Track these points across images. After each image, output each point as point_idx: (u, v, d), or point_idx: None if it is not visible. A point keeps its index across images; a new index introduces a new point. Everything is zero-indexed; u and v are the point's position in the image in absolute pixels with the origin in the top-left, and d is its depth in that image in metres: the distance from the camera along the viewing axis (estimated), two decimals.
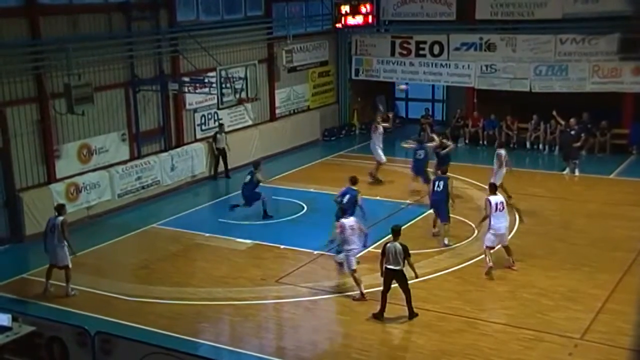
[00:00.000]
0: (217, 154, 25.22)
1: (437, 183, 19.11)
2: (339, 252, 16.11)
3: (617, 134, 27.59)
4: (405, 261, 14.59)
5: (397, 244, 14.59)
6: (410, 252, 17.45)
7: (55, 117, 20.38)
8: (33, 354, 12.63)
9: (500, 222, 16.56)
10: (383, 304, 14.76)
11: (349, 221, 15.72)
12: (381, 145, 24.58)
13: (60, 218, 16.23)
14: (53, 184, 20.46)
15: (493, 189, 17.07)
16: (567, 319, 14.65)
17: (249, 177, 21.00)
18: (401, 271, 14.61)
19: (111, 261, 18.68)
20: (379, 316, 14.80)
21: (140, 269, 18.05)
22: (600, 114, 27.37)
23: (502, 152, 21.54)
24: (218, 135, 25.08)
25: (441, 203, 18.87)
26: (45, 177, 20.47)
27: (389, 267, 14.59)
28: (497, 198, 16.69)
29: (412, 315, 14.78)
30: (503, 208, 16.58)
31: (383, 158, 24.43)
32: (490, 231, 16.62)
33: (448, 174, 19.80)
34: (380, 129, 24.66)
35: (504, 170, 21.22)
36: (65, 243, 16.15)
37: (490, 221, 16.54)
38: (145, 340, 12.50)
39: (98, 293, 16.46)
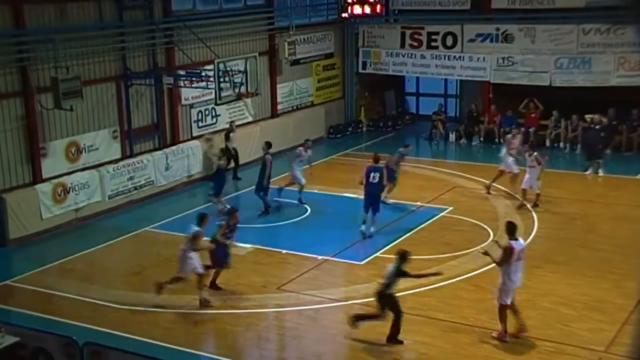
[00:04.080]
0: (230, 155, 25.00)
1: (372, 174, 19.73)
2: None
3: None
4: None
5: None
6: (419, 258, 17.47)
7: (42, 113, 20.40)
8: None
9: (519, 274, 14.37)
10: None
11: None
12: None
13: (196, 228, 16.04)
14: (39, 185, 20.47)
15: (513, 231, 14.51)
16: (591, 330, 14.61)
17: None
18: None
19: (101, 267, 18.68)
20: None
21: (132, 275, 18.05)
22: (627, 110, 27.32)
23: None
24: (231, 134, 24.91)
25: (377, 195, 19.71)
26: (30, 177, 20.49)
27: None
28: (520, 243, 14.42)
29: None
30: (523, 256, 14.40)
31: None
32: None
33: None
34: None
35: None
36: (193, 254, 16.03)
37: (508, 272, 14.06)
38: (139, 352, 12.49)
39: (87, 301, 16.43)
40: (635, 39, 26.03)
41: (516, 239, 14.30)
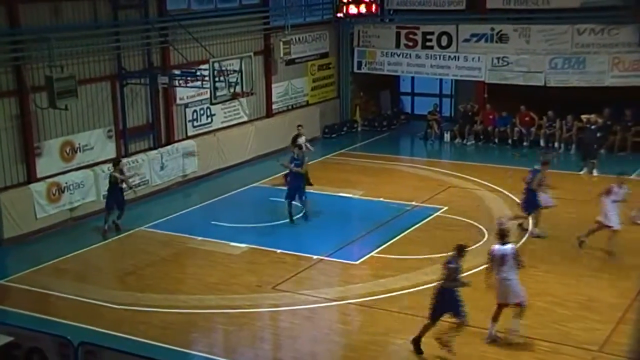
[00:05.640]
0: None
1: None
2: None
3: (638, 131, 27.64)
4: None
5: None
6: (414, 257, 17.53)
7: (36, 112, 20.38)
8: None
9: None
10: None
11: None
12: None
13: (510, 246, 14.17)
14: (33, 184, 20.46)
15: None
16: (585, 329, 14.65)
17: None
18: None
19: (96, 267, 18.68)
20: None
21: (127, 275, 18.04)
22: (621, 110, 27.41)
23: None
24: (299, 139, 24.26)
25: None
26: (25, 176, 20.47)
27: None
28: None
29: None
30: None
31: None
32: None
33: None
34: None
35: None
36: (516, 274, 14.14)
37: None
38: (134, 352, 12.46)
39: (82, 301, 16.42)
40: (634, 39, 26.07)
41: None
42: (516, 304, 14.21)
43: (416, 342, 13.90)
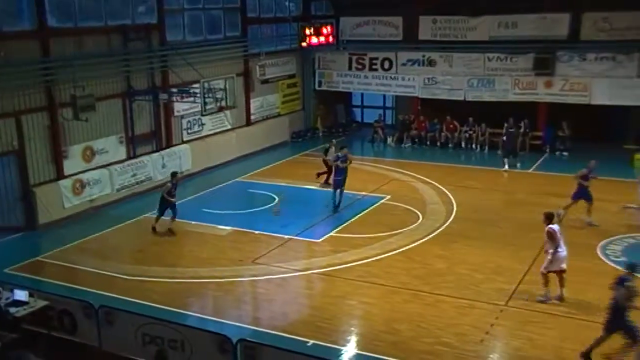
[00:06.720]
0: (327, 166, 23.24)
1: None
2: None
3: (534, 135, 28.13)
4: None
5: None
6: (364, 236, 17.52)
7: (63, 123, 20.24)
8: (47, 324, 12.64)
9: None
10: None
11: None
12: None
13: (557, 226, 14.20)
14: (61, 180, 20.32)
15: None
16: (495, 289, 14.92)
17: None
18: None
19: (112, 246, 18.58)
20: None
21: (136, 252, 18.01)
22: (521, 119, 27.89)
23: None
24: (330, 149, 23.41)
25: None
26: (55, 174, 20.31)
27: None
28: None
29: None
30: None
31: None
32: None
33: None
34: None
35: None
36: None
37: None
38: (142, 313, 12.55)
39: (101, 273, 16.41)
40: (528, 65, 26.23)
41: None
42: (562, 270, 14.10)
43: (586, 355, 11.85)
